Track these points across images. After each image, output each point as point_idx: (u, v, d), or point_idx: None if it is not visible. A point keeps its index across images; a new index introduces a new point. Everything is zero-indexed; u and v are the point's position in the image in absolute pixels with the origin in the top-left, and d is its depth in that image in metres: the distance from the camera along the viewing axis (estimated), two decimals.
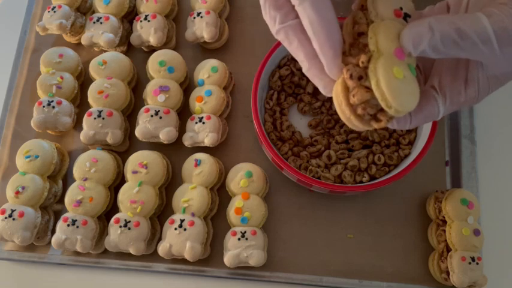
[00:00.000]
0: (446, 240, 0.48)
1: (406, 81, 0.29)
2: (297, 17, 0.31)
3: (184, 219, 0.47)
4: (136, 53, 0.59)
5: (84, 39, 0.55)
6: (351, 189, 0.46)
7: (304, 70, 0.32)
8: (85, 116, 0.52)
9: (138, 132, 0.51)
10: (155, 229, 0.50)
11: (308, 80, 0.53)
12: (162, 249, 0.47)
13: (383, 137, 0.49)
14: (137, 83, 0.57)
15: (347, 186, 0.47)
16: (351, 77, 0.29)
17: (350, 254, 0.51)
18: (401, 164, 0.48)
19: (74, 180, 0.50)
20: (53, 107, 0.52)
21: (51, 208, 0.52)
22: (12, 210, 0.48)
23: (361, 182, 0.48)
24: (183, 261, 0.49)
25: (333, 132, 0.50)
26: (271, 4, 0.32)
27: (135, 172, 0.49)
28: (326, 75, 0.31)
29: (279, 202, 0.52)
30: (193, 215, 0.48)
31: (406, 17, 0.31)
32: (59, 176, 0.53)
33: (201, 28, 0.54)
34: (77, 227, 0.48)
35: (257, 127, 0.47)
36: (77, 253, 0.51)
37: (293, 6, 0.31)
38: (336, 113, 0.51)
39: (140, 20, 0.56)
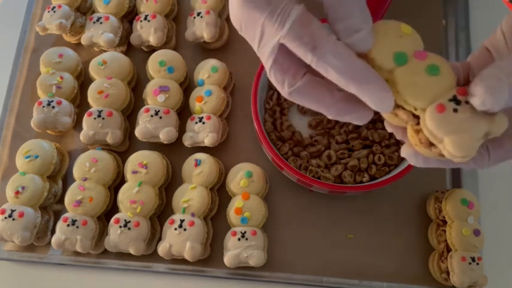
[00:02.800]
0: (446, 241, 0.48)
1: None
2: (305, 73, 0.30)
3: (184, 220, 0.47)
4: (136, 53, 0.59)
5: (84, 39, 0.55)
6: (351, 189, 0.46)
7: (331, 117, 0.30)
8: (85, 116, 0.51)
9: (138, 132, 0.51)
10: (155, 229, 0.50)
11: None
12: (162, 249, 0.47)
13: (383, 137, 0.49)
14: (137, 83, 0.57)
15: (347, 186, 0.47)
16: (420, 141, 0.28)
17: (350, 254, 0.51)
18: (402, 164, 0.48)
19: (73, 180, 0.50)
20: (53, 107, 0.52)
21: (51, 208, 0.52)
22: (12, 210, 0.48)
23: (361, 182, 0.48)
24: (183, 261, 0.49)
25: (333, 132, 0.50)
26: (276, 69, 0.30)
27: (135, 172, 0.49)
28: (359, 107, 0.29)
29: (279, 202, 0.52)
30: (193, 215, 0.48)
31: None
32: (59, 176, 0.53)
33: (201, 28, 0.54)
34: (77, 227, 0.47)
35: (257, 127, 0.47)
36: (77, 253, 0.51)
37: (300, 66, 0.29)
38: None
39: (140, 19, 0.56)
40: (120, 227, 0.47)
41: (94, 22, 0.55)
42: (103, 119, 0.51)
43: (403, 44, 0.29)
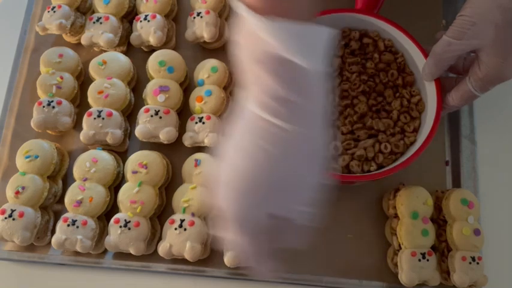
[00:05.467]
0: (446, 240, 0.48)
1: None
2: None
3: (184, 219, 0.47)
4: (136, 53, 0.59)
5: (84, 39, 0.55)
6: (359, 178, 0.46)
7: None
8: (85, 116, 0.51)
9: (138, 132, 0.51)
10: (155, 229, 0.50)
11: None
12: (162, 249, 0.47)
13: (388, 126, 0.49)
14: (137, 83, 0.57)
15: (356, 176, 0.47)
16: None
17: (350, 254, 0.50)
18: (408, 152, 0.48)
19: (73, 180, 0.50)
20: (53, 107, 0.52)
21: (51, 208, 0.52)
22: (12, 210, 0.48)
23: (368, 171, 0.48)
24: (183, 261, 0.49)
25: (337, 123, 0.50)
26: None
27: (135, 172, 0.49)
28: None
29: None
30: (193, 215, 0.48)
31: None
32: (59, 176, 0.53)
33: (201, 28, 0.54)
34: (77, 227, 0.47)
35: None
36: (77, 253, 0.50)
37: None
38: (339, 105, 0.50)
39: (140, 20, 0.56)
40: (120, 227, 0.47)
41: (94, 22, 0.55)
42: (103, 119, 0.51)
43: (422, 209, 0.48)
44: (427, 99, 0.49)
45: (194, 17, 0.55)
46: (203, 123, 0.51)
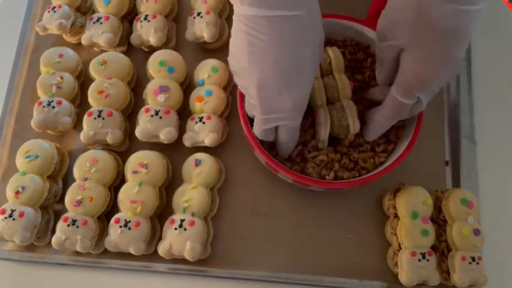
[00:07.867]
0: (446, 240, 0.48)
1: None
2: None
3: (184, 219, 0.47)
4: (136, 53, 0.59)
5: (84, 39, 0.55)
6: (313, 182, 0.46)
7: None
8: (85, 116, 0.52)
9: (138, 132, 0.51)
10: (155, 229, 0.50)
11: None
12: (162, 249, 0.47)
13: (364, 158, 0.49)
14: (137, 83, 0.57)
15: (310, 179, 0.46)
16: None
17: (350, 254, 0.51)
18: (372, 171, 0.47)
19: (74, 180, 0.50)
20: (53, 107, 0.52)
21: (51, 208, 0.52)
22: (12, 210, 0.48)
23: (324, 178, 0.47)
24: (183, 261, 0.49)
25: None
26: None
27: (135, 172, 0.49)
28: None
29: (278, 203, 0.52)
30: (193, 215, 0.48)
31: None
32: (59, 176, 0.53)
33: (201, 28, 0.54)
34: (77, 227, 0.47)
35: (239, 104, 0.47)
36: (77, 253, 0.50)
37: None
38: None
39: (140, 20, 0.56)
40: (121, 226, 0.47)
41: (94, 22, 0.55)
42: (103, 119, 0.51)
43: (421, 208, 0.48)
44: (408, 126, 0.48)
45: (194, 17, 0.55)
46: (203, 123, 0.51)
